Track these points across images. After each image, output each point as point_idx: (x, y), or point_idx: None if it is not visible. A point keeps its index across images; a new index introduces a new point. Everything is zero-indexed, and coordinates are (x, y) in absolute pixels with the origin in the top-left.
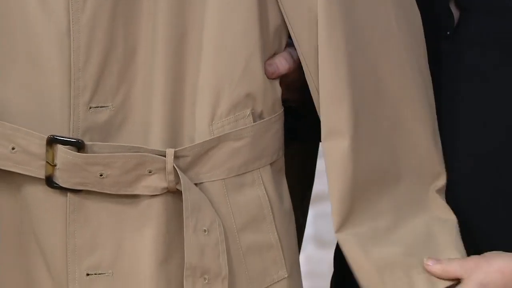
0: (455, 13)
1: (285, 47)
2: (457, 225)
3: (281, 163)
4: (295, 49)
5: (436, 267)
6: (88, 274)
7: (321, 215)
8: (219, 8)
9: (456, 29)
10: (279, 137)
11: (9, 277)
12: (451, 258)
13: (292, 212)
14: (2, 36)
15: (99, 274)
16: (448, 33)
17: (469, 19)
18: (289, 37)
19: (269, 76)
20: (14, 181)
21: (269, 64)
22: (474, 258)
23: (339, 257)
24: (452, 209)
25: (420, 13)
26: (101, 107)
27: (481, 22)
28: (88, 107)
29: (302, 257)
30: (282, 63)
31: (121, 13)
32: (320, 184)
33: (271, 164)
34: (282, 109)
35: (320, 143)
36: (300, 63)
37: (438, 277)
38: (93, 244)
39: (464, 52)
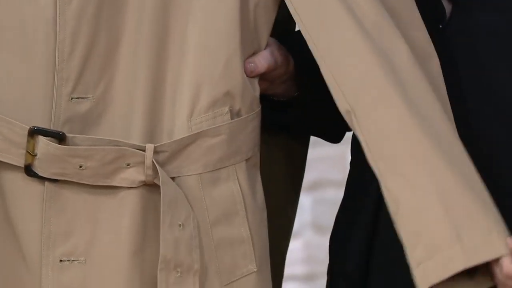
0: (447, 7)
1: (266, 47)
2: None
3: (256, 159)
4: (277, 48)
5: None
6: (61, 261)
7: (319, 202)
8: (203, 7)
9: (448, 22)
10: (256, 134)
11: None
12: None
13: (265, 208)
14: None
15: (72, 261)
16: (440, 26)
17: (461, 12)
18: (271, 36)
19: (248, 75)
20: None
21: (248, 62)
22: None
23: (335, 242)
24: None
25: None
26: (82, 98)
27: (473, 16)
28: (70, 98)
29: (300, 243)
30: (261, 62)
31: (107, 7)
32: (317, 172)
33: (246, 160)
34: (260, 108)
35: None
36: (282, 60)
37: None
38: (68, 232)
39: (456, 45)
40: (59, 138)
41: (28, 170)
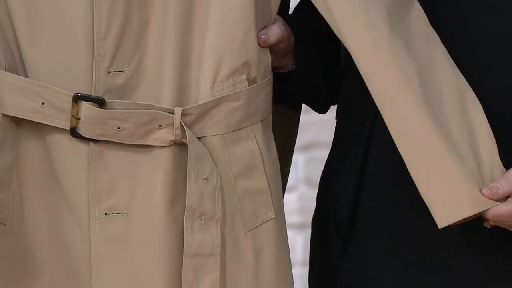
0: None
1: (275, 21)
2: None
3: (269, 120)
4: (283, 23)
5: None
6: (106, 214)
7: (311, 160)
8: None
9: None
10: (269, 98)
11: (34, 214)
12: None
13: (278, 162)
14: (31, 5)
15: (116, 213)
16: None
17: None
18: (278, 13)
19: (262, 45)
20: (41, 131)
21: (261, 34)
22: None
23: (321, 197)
24: None
25: None
26: (118, 71)
27: None
28: (108, 72)
29: (295, 196)
30: (272, 34)
31: None
32: (310, 134)
33: (261, 121)
34: (271, 75)
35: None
36: (288, 34)
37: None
38: (111, 188)
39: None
40: (100, 103)
41: (74, 132)
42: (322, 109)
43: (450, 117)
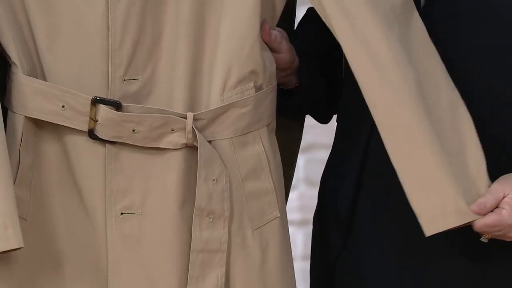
0: None
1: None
2: None
3: (273, 125)
4: (287, 41)
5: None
6: (122, 213)
7: (310, 161)
8: (234, 2)
9: (424, 11)
10: (273, 104)
11: (53, 212)
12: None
13: (281, 164)
14: (51, 15)
15: (131, 213)
16: (421, 7)
17: (438, 2)
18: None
19: (268, 38)
20: (60, 133)
21: (276, 30)
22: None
23: (322, 195)
24: None
25: None
26: (133, 79)
27: (450, 6)
28: (123, 80)
29: (295, 195)
30: (283, 36)
31: (151, 3)
32: (310, 136)
33: (267, 125)
34: (276, 82)
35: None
36: (292, 56)
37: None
38: (127, 189)
39: (437, 22)
40: (116, 106)
41: (91, 134)
42: (323, 120)
43: (443, 128)
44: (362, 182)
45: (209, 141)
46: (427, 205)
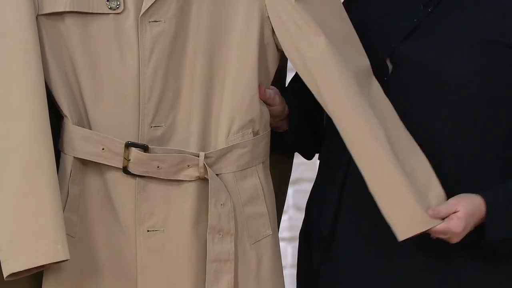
0: (390, 66)
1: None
2: None
3: (267, 162)
4: (278, 95)
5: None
6: (148, 231)
7: (298, 191)
8: (235, 64)
9: (390, 77)
10: (268, 146)
11: (95, 231)
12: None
13: (273, 193)
14: (95, 77)
15: (155, 230)
16: (385, 79)
17: (399, 71)
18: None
19: (264, 96)
20: (101, 169)
21: (270, 89)
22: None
23: (307, 217)
24: None
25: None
26: (158, 126)
27: (409, 74)
28: (150, 126)
29: (286, 217)
30: (275, 92)
31: (172, 66)
32: (297, 172)
33: (262, 163)
34: (269, 129)
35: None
36: (282, 108)
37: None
38: (152, 212)
39: (395, 92)
40: (145, 148)
41: (125, 170)
42: (308, 156)
43: (405, 158)
44: (340, 207)
45: (217, 174)
46: (399, 217)
